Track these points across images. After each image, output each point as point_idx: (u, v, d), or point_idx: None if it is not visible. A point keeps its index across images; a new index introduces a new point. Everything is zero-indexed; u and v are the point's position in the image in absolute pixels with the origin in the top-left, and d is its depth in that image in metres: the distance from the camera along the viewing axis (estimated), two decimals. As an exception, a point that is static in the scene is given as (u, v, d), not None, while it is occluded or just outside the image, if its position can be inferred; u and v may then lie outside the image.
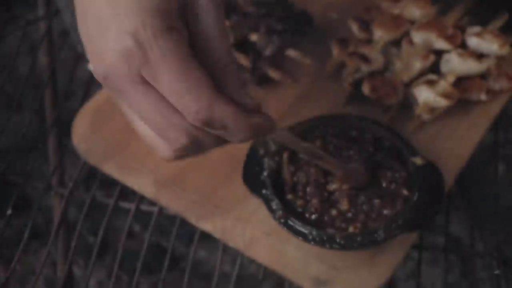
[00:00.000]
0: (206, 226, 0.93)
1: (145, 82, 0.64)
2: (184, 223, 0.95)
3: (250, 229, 0.91)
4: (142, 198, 0.98)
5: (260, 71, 1.05)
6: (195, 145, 0.68)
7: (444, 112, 0.99)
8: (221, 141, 0.70)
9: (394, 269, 0.88)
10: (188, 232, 0.96)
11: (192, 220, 0.94)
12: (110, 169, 0.99)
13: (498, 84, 1.01)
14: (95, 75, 0.65)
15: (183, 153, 0.69)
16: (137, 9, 0.62)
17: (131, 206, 0.99)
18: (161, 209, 0.97)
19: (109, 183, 1.01)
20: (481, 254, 0.93)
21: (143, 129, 0.69)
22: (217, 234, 0.92)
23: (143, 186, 0.97)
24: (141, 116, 0.66)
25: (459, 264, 1.21)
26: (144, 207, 0.99)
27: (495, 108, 1.02)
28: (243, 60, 1.06)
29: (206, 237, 0.94)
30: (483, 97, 1.00)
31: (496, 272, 0.90)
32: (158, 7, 0.62)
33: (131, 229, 1.43)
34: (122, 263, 0.95)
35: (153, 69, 0.62)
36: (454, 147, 0.98)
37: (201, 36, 0.66)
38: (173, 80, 0.63)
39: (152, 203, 0.98)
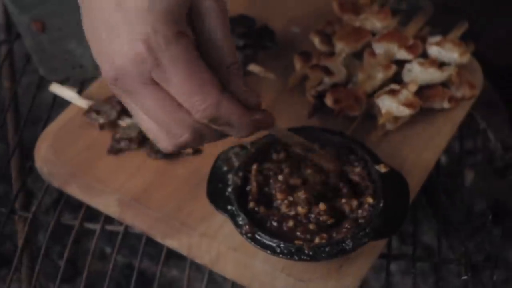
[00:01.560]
0: (172, 243, 0.96)
1: (154, 83, 0.70)
2: (155, 242, 0.98)
3: (216, 244, 0.94)
4: (108, 218, 1.01)
5: (223, 87, 1.08)
6: (198, 139, 0.75)
7: (407, 121, 1.04)
8: (223, 136, 0.77)
9: (362, 279, 0.92)
10: (160, 251, 0.99)
11: (158, 238, 0.97)
12: (74, 191, 1.02)
13: (460, 92, 1.06)
14: (104, 77, 0.70)
15: (184, 146, 0.76)
16: (148, 15, 0.67)
17: (97, 227, 1.02)
18: (127, 228, 1.01)
19: (77, 205, 1.04)
20: (449, 261, 0.97)
21: (148, 124, 0.75)
22: (183, 251, 0.96)
23: (108, 206, 1.00)
24: (148, 113, 0.73)
25: (431, 272, 1.25)
26: (110, 227, 1.02)
27: (459, 115, 1.06)
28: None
29: (179, 255, 0.97)
30: (446, 105, 1.05)
31: (464, 277, 0.94)
32: (168, 12, 0.68)
33: (103, 251, 1.46)
34: (93, 285, 0.98)
35: (163, 72, 0.68)
36: (419, 155, 1.02)
37: (207, 38, 0.72)
38: (183, 82, 0.69)
39: (119, 222, 1.01)
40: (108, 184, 1.01)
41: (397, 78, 1.06)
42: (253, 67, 1.10)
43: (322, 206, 0.91)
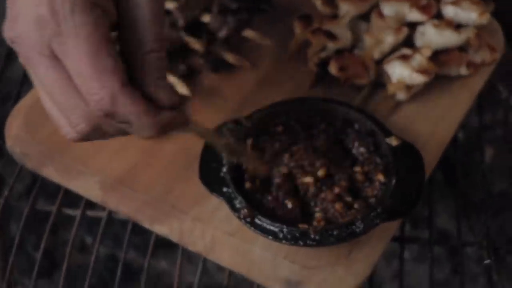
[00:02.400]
0: (161, 229, 0.89)
1: (53, 57, 0.63)
2: (142, 230, 0.91)
3: (211, 230, 0.87)
4: (90, 204, 0.94)
5: (214, 56, 1.01)
6: (99, 132, 0.69)
7: (421, 90, 0.97)
8: (125, 133, 0.70)
9: (374, 266, 0.85)
10: (148, 241, 0.92)
11: (146, 223, 0.90)
12: (50, 173, 0.94)
13: (479, 56, 0.98)
14: (3, 35, 0.65)
15: (85, 138, 0.69)
16: None
17: (77, 213, 0.95)
18: (111, 213, 0.94)
19: (54, 190, 0.97)
20: (469, 244, 0.90)
21: (48, 103, 0.68)
22: (174, 238, 0.88)
23: (89, 190, 0.92)
24: (46, 91, 0.66)
25: (447, 258, 1.18)
26: (92, 213, 0.95)
27: (478, 83, 0.99)
28: (195, 44, 1.03)
29: (168, 245, 0.90)
30: (463, 71, 0.97)
31: (487, 262, 0.87)
32: None
33: (83, 241, 1.39)
34: (73, 280, 0.91)
35: (63, 44, 0.62)
36: (434, 128, 0.95)
37: (130, 17, 0.65)
38: (81, 61, 0.62)
39: (102, 207, 0.94)
40: (89, 164, 0.94)
41: (408, 43, 0.98)
42: (248, 33, 1.02)
43: (321, 171, 0.86)
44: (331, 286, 0.83)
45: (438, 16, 1.00)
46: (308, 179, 0.86)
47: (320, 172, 0.86)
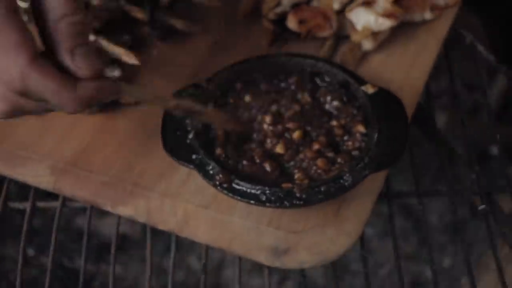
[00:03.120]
0: (125, 211, 0.81)
1: None
2: (92, 238, 0.83)
3: (182, 204, 0.80)
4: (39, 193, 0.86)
5: (160, 23, 0.94)
6: (19, 111, 0.65)
7: (387, 39, 0.92)
8: (49, 109, 0.66)
9: (364, 223, 0.79)
10: (98, 247, 0.84)
11: (107, 206, 0.81)
12: (-8, 164, 0.85)
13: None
14: None
15: (9, 115, 0.66)
16: None
17: (26, 206, 0.86)
18: (64, 202, 0.85)
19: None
20: (460, 191, 0.85)
21: None
22: (141, 218, 0.80)
23: (38, 176, 0.83)
24: None
25: (440, 209, 1.14)
26: (42, 204, 0.86)
27: (443, 27, 0.95)
28: (138, 13, 0.96)
29: (120, 248, 0.82)
30: (428, 15, 0.93)
31: (482, 207, 0.83)
32: None
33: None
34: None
35: None
36: (406, 76, 0.90)
37: None
38: None
39: (53, 196, 0.85)
40: (35, 149, 0.85)
41: (366, -9, 0.94)
42: (193, -5, 0.96)
43: (297, 133, 0.80)
44: (323, 249, 0.77)
45: (395, -39, 0.96)
46: (280, 148, 0.80)
47: (296, 134, 0.80)
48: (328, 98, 0.83)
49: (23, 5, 0.80)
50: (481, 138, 1.15)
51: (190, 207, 0.80)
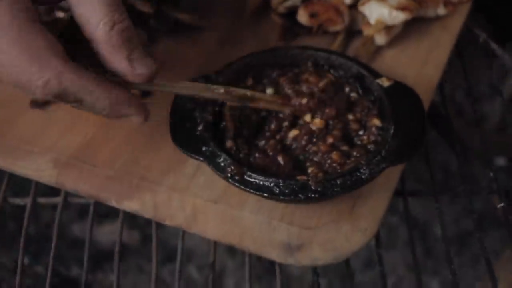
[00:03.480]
0: (131, 205, 0.78)
1: None
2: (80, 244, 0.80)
3: (191, 199, 0.77)
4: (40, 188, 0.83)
5: (167, 17, 0.92)
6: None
7: (399, 34, 0.90)
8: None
9: (380, 220, 0.77)
10: (95, 255, 0.81)
11: (112, 201, 0.78)
12: (-8, 157, 0.83)
13: (456, -5, 0.93)
14: None
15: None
16: None
17: (26, 202, 0.83)
18: (66, 198, 0.82)
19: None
20: (478, 190, 0.83)
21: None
22: (147, 213, 0.77)
23: (40, 170, 0.80)
24: None
25: (456, 206, 1.11)
26: (43, 200, 0.84)
27: (457, 23, 0.93)
28: (143, 7, 0.93)
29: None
30: (441, 11, 0.92)
31: (501, 205, 0.80)
32: None
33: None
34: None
35: None
36: (419, 71, 0.88)
37: None
38: (12, 50, 0.60)
39: (54, 192, 0.82)
40: (37, 143, 0.82)
41: (378, -13, 0.92)
42: (202, -11, 0.94)
43: (319, 122, 0.77)
44: (337, 246, 0.74)
45: (407, -43, 0.94)
46: (295, 132, 0.77)
47: (316, 123, 0.77)
48: (347, 88, 0.81)
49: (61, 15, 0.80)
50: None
51: (199, 201, 0.77)
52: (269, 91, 0.80)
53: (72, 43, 0.69)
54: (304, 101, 0.77)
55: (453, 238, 1.30)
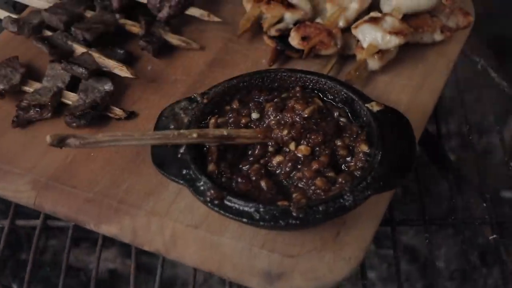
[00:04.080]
0: (110, 230, 0.76)
1: None
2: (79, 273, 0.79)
3: (170, 223, 0.75)
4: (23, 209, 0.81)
5: (156, 39, 0.91)
6: None
7: (393, 59, 0.88)
8: None
9: (366, 249, 0.74)
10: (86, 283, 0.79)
11: (90, 225, 0.77)
12: (-31, 178, 0.81)
13: (453, 21, 0.91)
14: None
15: None
16: None
17: (4, 223, 0.81)
18: (45, 220, 0.81)
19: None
20: (470, 220, 0.80)
21: None
22: (125, 238, 0.76)
23: (19, 192, 0.79)
24: None
25: (446, 237, 1.08)
26: (21, 222, 0.82)
27: (454, 49, 0.92)
28: (133, 27, 0.93)
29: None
30: (438, 37, 0.90)
31: (493, 237, 0.77)
32: None
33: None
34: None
35: None
36: (414, 97, 0.86)
37: None
38: None
39: (33, 214, 0.81)
40: (17, 163, 0.81)
41: (372, 11, 0.90)
42: (193, 11, 0.93)
43: (304, 149, 0.75)
44: (320, 275, 0.72)
45: (403, -19, 0.92)
46: (279, 158, 0.75)
47: (302, 150, 0.75)
48: (336, 113, 0.79)
49: None
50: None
51: (178, 226, 0.75)
52: (254, 115, 0.78)
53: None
54: (285, 132, 0.75)
55: (456, 271, 1.27)
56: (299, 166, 0.75)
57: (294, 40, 0.87)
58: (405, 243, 1.16)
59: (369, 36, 0.85)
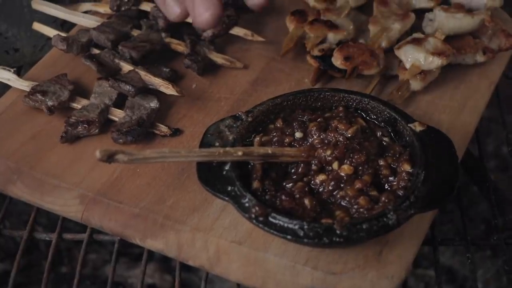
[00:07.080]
0: (155, 244, 0.78)
1: None
2: None
3: (215, 239, 0.77)
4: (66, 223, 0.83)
5: (201, 57, 0.93)
6: None
7: (435, 80, 0.89)
8: None
9: (408, 268, 0.75)
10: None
11: (136, 239, 0.79)
12: (19, 191, 0.83)
13: (495, 42, 0.92)
14: None
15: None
16: None
17: (52, 237, 0.83)
18: (91, 234, 0.83)
19: (23, 212, 0.86)
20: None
21: None
22: (171, 253, 0.78)
23: (66, 206, 0.81)
24: None
25: (489, 257, 1.08)
26: (69, 235, 0.84)
27: (496, 70, 0.93)
28: (178, 46, 0.95)
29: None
30: (480, 58, 0.91)
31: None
32: None
33: None
34: None
35: None
36: (456, 118, 0.87)
37: None
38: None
39: (80, 228, 0.83)
40: (65, 178, 0.83)
41: (414, 32, 0.92)
42: (237, 30, 0.95)
43: (347, 168, 0.76)
44: (362, 293, 0.73)
45: (445, 2, 0.94)
46: (322, 177, 0.77)
47: (346, 169, 0.77)
48: (379, 133, 0.80)
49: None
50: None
51: (223, 242, 0.77)
52: (298, 134, 0.80)
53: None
54: (328, 153, 0.77)
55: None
56: (342, 185, 0.76)
57: (337, 60, 0.89)
58: (441, 262, 1.17)
59: (412, 57, 0.87)
